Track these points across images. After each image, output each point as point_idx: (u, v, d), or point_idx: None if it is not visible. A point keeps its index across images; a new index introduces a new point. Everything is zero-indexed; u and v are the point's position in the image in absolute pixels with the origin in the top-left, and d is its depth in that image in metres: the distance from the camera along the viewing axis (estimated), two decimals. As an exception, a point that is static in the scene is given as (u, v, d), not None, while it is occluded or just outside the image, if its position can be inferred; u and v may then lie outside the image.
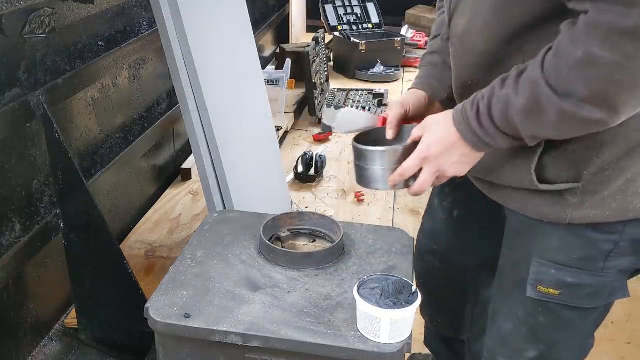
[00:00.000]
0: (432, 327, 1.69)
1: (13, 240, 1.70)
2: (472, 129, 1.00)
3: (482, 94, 0.99)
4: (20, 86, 1.68)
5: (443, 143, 1.04)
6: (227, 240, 1.33)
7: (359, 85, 4.51)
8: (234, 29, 2.29)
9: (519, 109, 0.92)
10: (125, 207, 2.45)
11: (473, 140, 1.01)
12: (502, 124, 0.96)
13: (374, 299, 1.06)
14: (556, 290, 1.10)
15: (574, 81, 0.86)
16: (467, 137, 1.01)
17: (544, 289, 1.10)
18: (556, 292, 1.10)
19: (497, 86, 0.97)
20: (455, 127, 1.02)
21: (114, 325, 1.87)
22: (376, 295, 1.07)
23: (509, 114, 0.94)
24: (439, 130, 1.05)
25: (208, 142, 1.91)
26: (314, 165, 3.10)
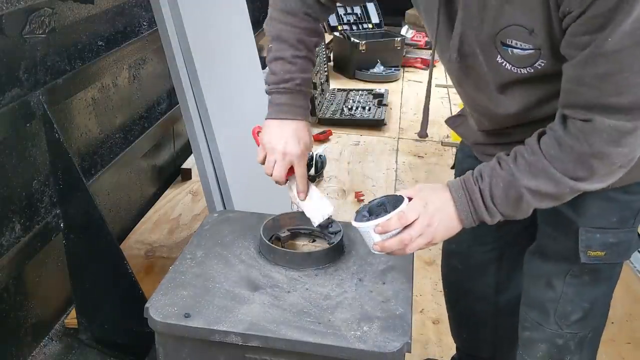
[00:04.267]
0: (459, 345, 1.74)
1: (13, 240, 1.70)
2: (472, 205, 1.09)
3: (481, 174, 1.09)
4: (20, 86, 1.68)
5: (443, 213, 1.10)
6: (227, 240, 1.33)
7: (359, 85, 4.51)
8: (234, 29, 2.29)
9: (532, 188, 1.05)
10: (125, 207, 2.45)
11: (468, 217, 1.10)
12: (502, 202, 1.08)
13: None
14: (602, 252, 1.22)
15: (580, 169, 1.02)
16: (462, 213, 1.10)
17: (593, 253, 1.22)
18: (602, 253, 1.22)
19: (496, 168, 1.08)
20: (452, 202, 1.10)
21: (114, 325, 1.87)
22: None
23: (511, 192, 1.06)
24: (437, 200, 1.11)
25: (208, 142, 1.91)
26: (314, 165, 3.10)
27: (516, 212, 1.09)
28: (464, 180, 1.10)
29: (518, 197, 1.06)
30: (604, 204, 1.20)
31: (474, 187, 1.09)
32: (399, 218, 1.08)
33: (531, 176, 1.04)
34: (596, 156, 1.01)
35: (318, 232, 1.37)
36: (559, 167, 1.03)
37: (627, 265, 2.42)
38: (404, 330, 1.08)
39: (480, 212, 1.09)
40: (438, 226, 1.09)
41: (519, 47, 1.03)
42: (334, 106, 3.99)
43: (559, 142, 1.02)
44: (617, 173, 1.04)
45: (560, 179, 1.03)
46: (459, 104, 3.87)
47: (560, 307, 1.30)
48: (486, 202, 1.08)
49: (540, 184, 1.04)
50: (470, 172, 1.11)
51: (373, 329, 1.08)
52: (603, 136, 0.99)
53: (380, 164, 3.35)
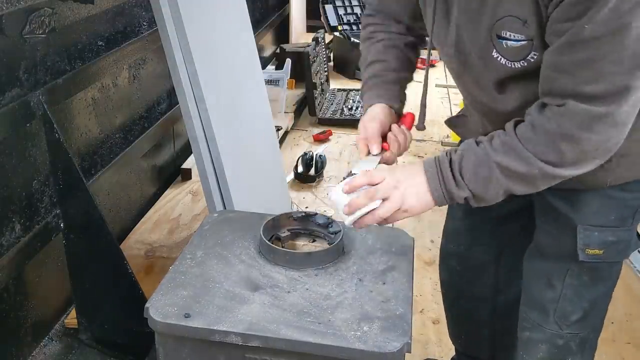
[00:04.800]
0: (458, 347, 1.74)
1: (13, 240, 1.70)
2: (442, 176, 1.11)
3: (456, 150, 1.12)
4: (20, 86, 1.68)
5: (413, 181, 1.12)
6: (227, 240, 1.33)
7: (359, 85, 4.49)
8: (234, 29, 2.29)
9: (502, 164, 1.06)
10: (125, 207, 2.45)
11: (437, 187, 1.11)
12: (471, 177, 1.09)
13: None
14: (600, 250, 1.23)
15: (551, 152, 1.03)
16: (431, 183, 1.11)
17: (591, 251, 1.22)
18: (600, 251, 1.23)
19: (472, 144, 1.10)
20: (423, 172, 1.12)
21: (114, 325, 1.87)
22: None
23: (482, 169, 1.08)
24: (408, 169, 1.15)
25: (208, 142, 1.91)
26: (314, 165, 3.10)
27: (486, 191, 1.09)
28: (437, 155, 1.14)
29: (488, 173, 1.07)
30: (602, 201, 1.21)
31: (445, 159, 1.11)
32: (364, 174, 1.13)
33: (503, 154, 1.06)
34: (565, 138, 1.02)
35: (318, 232, 1.37)
36: (530, 147, 1.04)
37: (627, 266, 2.42)
38: (404, 330, 1.08)
39: (449, 184, 1.10)
40: (406, 191, 1.11)
41: (513, 38, 1.05)
42: (334, 106, 3.99)
43: (532, 124, 1.05)
44: (589, 162, 1.04)
45: (529, 159, 1.04)
46: (459, 104, 3.88)
47: (560, 307, 1.30)
48: (455, 174, 1.09)
49: (510, 162, 1.05)
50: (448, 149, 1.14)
51: (373, 329, 1.08)
52: (574, 119, 1.00)
53: (380, 164, 3.34)
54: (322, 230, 1.36)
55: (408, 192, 1.12)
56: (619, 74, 0.96)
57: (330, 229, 1.35)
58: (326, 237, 1.35)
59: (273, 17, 4.67)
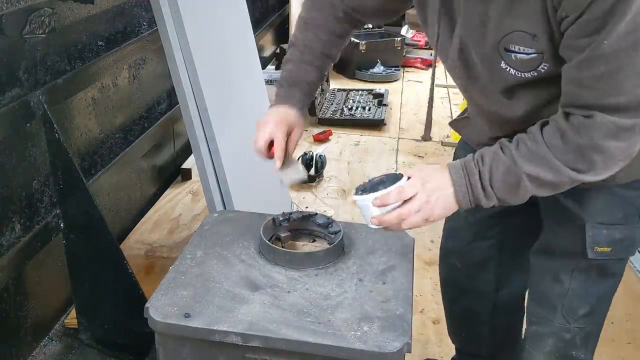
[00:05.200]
0: (458, 345, 1.74)
1: (13, 240, 1.70)
2: (470, 187, 1.11)
3: (482, 158, 1.11)
4: (20, 86, 1.68)
5: (441, 193, 1.12)
6: (227, 240, 1.33)
7: (359, 85, 4.51)
8: (234, 29, 2.29)
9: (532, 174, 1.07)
10: (125, 207, 2.45)
11: (465, 198, 1.11)
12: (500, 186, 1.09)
13: None
14: (608, 248, 1.25)
15: (580, 161, 1.05)
16: (460, 194, 1.11)
17: (599, 249, 1.24)
18: (608, 249, 1.25)
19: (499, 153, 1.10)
20: (451, 182, 1.12)
21: (114, 325, 1.87)
22: None
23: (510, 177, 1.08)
24: (438, 179, 1.13)
25: (208, 142, 1.91)
26: (314, 165, 3.10)
27: (513, 198, 1.11)
28: (464, 162, 1.12)
29: (517, 182, 1.08)
30: (609, 200, 1.22)
31: (474, 170, 1.10)
32: (397, 192, 1.10)
33: (532, 163, 1.06)
34: (596, 149, 1.03)
35: (318, 232, 1.37)
36: (560, 157, 1.05)
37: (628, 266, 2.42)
38: (404, 330, 1.08)
39: (477, 194, 1.10)
40: (435, 203, 1.11)
41: (523, 52, 1.06)
42: (334, 106, 3.99)
43: (562, 133, 1.05)
44: (615, 167, 1.07)
45: (560, 168, 1.05)
46: (460, 105, 3.88)
47: (568, 301, 1.32)
48: (484, 185, 1.10)
49: (540, 172, 1.06)
50: (472, 155, 1.12)
51: (373, 329, 1.08)
52: (602, 130, 1.01)
53: (380, 164, 3.35)
54: (322, 230, 1.36)
55: (438, 204, 1.12)
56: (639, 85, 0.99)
57: (330, 229, 1.35)
58: (326, 237, 1.35)
59: (273, 17, 4.67)
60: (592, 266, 1.28)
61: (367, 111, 3.91)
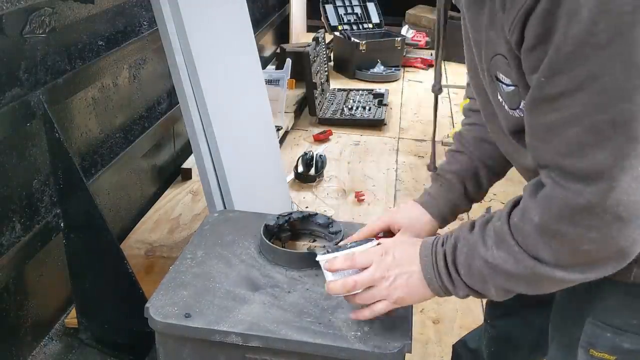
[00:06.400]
0: None
1: (13, 240, 1.71)
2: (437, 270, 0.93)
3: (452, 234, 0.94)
4: (21, 86, 1.68)
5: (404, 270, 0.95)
6: (227, 240, 1.33)
7: (359, 85, 4.51)
8: (234, 29, 2.29)
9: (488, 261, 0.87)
10: (126, 207, 2.45)
11: (432, 281, 0.94)
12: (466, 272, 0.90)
13: None
14: (611, 356, 0.98)
15: (541, 248, 0.82)
16: (427, 275, 0.94)
17: (597, 354, 0.98)
18: (611, 357, 0.98)
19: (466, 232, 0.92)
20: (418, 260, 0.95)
21: (114, 325, 1.87)
22: None
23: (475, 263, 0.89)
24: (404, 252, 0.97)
25: (208, 142, 1.91)
26: (314, 165, 3.10)
27: (485, 290, 0.90)
28: (437, 237, 0.96)
29: (480, 270, 0.88)
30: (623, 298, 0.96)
31: (441, 248, 0.93)
32: (345, 258, 0.98)
33: (493, 247, 0.86)
34: (548, 232, 0.81)
35: (318, 232, 1.37)
36: (519, 239, 0.84)
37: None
38: (404, 330, 1.08)
39: (444, 278, 0.92)
40: (395, 282, 0.95)
41: (505, 82, 0.88)
42: (334, 106, 3.99)
43: (523, 210, 0.84)
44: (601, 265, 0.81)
45: (518, 255, 0.84)
46: (460, 104, 3.88)
47: None
48: (449, 268, 0.91)
49: (498, 259, 0.85)
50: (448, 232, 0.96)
51: (373, 329, 1.08)
52: (553, 206, 0.80)
53: (381, 164, 3.35)
54: (322, 230, 1.36)
55: (398, 283, 0.95)
56: (598, 148, 0.73)
57: (330, 229, 1.35)
58: (326, 237, 1.35)
59: (273, 17, 4.67)
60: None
61: (368, 111, 3.91)
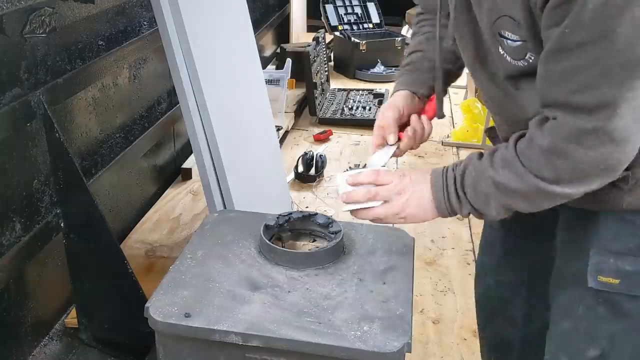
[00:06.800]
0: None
1: (13, 240, 1.71)
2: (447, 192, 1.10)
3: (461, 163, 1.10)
4: (21, 86, 1.68)
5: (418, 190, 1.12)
6: (228, 239, 1.33)
7: (360, 85, 4.51)
8: (234, 29, 2.29)
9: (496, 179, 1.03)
10: (126, 207, 2.45)
11: (440, 200, 1.11)
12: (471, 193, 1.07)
13: None
14: (615, 279, 1.10)
15: (544, 167, 0.99)
16: (437, 196, 1.11)
17: (604, 279, 1.10)
18: (616, 280, 1.10)
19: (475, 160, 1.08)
20: (430, 182, 1.12)
21: (115, 325, 1.87)
22: None
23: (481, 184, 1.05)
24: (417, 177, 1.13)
25: (208, 141, 1.91)
26: (314, 165, 3.10)
27: (486, 207, 1.07)
28: (446, 167, 1.12)
29: (486, 190, 1.05)
30: (620, 226, 1.10)
31: (451, 174, 1.10)
32: (371, 172, 1.13)
33: (499, 169, 1.03)
34: (556, 153, 0.97)
35: (318, 232, 1.37)
36: (526, 162, 1.01)
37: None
38: (404, 330, 1.08)
39: (452, 198, 1.09)
40: (409, 199, 1.12)
41: (510, 38, 1.01)
42: (334, 106, 3.99)
43: (530, 138, 1.01)
44: (589, 180, 0.99)
45: (524, 175, 1.01)
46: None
47: (575, 341, 1.18)
48: (457, 189, 1.08)
49: (505, 177, 1.03)
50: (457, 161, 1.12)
51: (373, 329, 1.08)
52: (563, 132, 0.96)
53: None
54: (322, 230, 1.37)
55: (411, 200, 1.12)
56: (607, 85, 0.90)
57: (330, 229, 1.35)
58: (326, 237, 1.35)
59: (273, 17, 4.67)
60: (599, 300, 1.12)
61: (368, 111, 3.91)
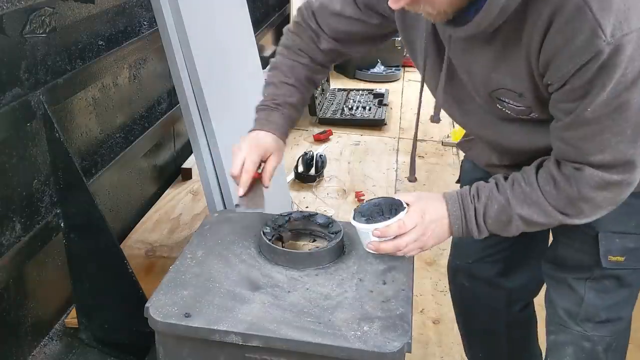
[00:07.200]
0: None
1: (13, 240, 1.71)
2: (465, 221, 1.18)
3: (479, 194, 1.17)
4: (21, 86, 1.68)
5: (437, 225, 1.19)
6: (228, 239, 1.33)
7: (360, 85, 4.51)
8: (234, 29, 2.29)
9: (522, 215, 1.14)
10: (126, 207, 2.45)
11: (459, 230, 1.19)
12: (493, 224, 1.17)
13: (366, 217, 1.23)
14: (622, 257, 1.25)
15: (569, 207, 1.12)
16: (454, 226, 1.19)
17: (613, 258, 1.25)
18: (622, 258, 1.25)
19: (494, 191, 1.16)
20: (447, 215, 1.19)
21: (114, 325, 1.87)
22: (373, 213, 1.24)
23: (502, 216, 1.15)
24: (434, 211, 1.19)
25: (208, 141, 1.91)
26: (314, 165, 3.10)
27: (504, 232, 1.18)
28: (461, 196, 1.19)
29: (508, 221, 1.15)
30: (622, 209, 1.20)
31: (470, 205, 1.17)
32: (398, 227, 1.17)
33: (525, 205, 1.13)
34: (584, 200, 1.10)
35: (319, 232, 1.37)
36: (552, 202, 1.12)
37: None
38: (404, 330, 1.08)
39: (470, 227, 1.18)
40: (431, 235, 1.19)
41: (512, 104, 1.13)
42: (334, 106, 3.99)
43: (554, 180, 1.11)
44: (603, 212, 1.13)
45: (551, 213, 1.13)
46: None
47: (583, 309, 1.31)
48: (478, 220, 1.17)
49: (532, 214, 1.13)
50: (467, 189, 1.19)
51: (373, 329, 1.08)
52: (591, 183, 1.08)
53: (381, 164, 3.35)
54: (322, 230, 1.37)
55: (433, 235, 1.19)
56: (623, 143, 1.03)
57: (330, 229, 1.35)
58: (326, 237, 1.35)
59: (273, 17, 4.67)
60: (606, 276, 1.27)
61: (368, 111, 3.91)
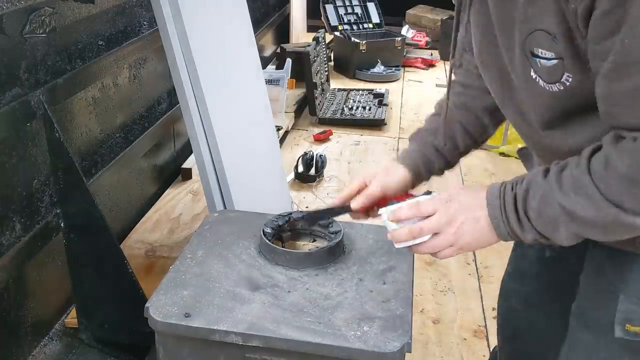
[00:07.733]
0: None
1: (13, 240, 1.71)
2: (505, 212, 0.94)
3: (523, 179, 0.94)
4: (21, 86, 1.68)
5: (470, 216, 0.96)
6: (228, 239, 1.33)
7: (360, 85, 4.51)
8: (234, 29, 2.29)
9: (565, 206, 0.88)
10: (126, 207, 2.45)
11: (499, 225, 0.95)
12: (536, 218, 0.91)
13: None
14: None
15: (625, 196, 0.83)
16: (494, 220, 0.95)
17: (632, 328, 0.99)
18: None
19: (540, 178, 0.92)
20: (485, 204, 0.96)
21: (114, 325, 1.87)
22: None
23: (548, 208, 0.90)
24: (467, 199, 0.98)
25: (208, 141, 1.91)
26: (314, 165, 3.10)
27: (554, 234, 0.91)
28: (505, 183, 0.96)
29: (554, 215, 0.89)
30: None
31: (510, 193, 0.93)
32: (409, 206, 1.00)
33: (569, 193, 0.87)
34: (634, 183, 0.82)
35: (319, 232, 1.37)
36: (602, 187, 0.84)
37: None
38: (404, 330, 1.08)
39: (512, 222, 0.93)
40: (462, 227, 0.96)
41: (544, 56, 0.88)
42: (334, 106, 3.99)
43: (607, 159, 0.84)
44: None
45: (600, 203, 0.84)
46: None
47: None
48: (519, 213, 0.92)
49: (577, 205, 0.86)
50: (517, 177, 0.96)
51: (373, 328, 1.08)
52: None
53: (381, 164, 3.34)
54: (322, 230, 1.36)
55: (465, 229, 0.96)
56: None
57: (330, 229, 1.35)
58: (326, 237, 1.35)
59: (273, 17, 4.67)
60: (626, 348, 1.01)
61: (368, 111, 3.91)
